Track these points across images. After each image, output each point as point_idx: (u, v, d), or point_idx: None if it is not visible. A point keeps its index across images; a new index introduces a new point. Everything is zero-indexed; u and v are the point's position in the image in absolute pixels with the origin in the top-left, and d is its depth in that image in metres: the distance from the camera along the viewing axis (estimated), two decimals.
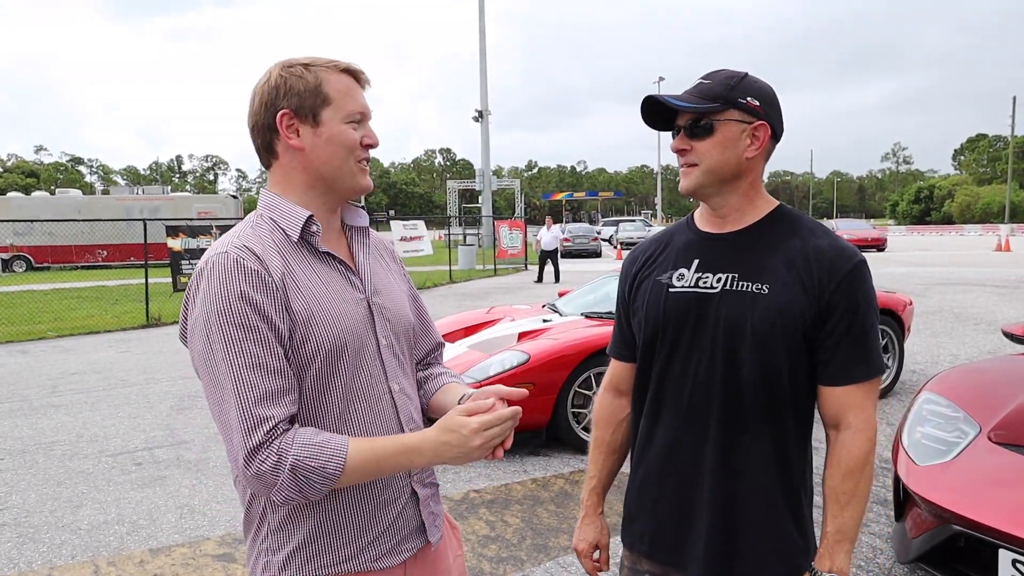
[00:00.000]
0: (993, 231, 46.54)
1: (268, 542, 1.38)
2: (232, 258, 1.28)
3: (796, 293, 1.42)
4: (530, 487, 4.62)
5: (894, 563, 3.47)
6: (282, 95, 1.36)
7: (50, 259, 29.98)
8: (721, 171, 1.48)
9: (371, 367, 1.42)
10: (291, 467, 1.23)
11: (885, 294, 6.97)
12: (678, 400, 1.53)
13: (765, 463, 1.47)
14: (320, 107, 1.37)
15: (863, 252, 8.35)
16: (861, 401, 1.44)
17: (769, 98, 1.50)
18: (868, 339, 1.44)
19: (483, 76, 37.04)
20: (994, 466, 2.90)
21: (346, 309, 1.39)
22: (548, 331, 5.83)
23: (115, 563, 3.72)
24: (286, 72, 1.37)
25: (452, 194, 56.32)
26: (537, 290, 17.41)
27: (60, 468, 5.21)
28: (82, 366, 9.24)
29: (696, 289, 1.51)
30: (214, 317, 1.26)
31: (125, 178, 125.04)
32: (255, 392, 1.24)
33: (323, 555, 1.37)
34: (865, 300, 1.44)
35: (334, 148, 1.38)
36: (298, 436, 1.26)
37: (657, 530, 1.58)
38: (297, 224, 1.38)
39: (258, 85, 1.40)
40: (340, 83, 1.40)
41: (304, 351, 1.32)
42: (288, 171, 1.41)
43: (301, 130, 1.37)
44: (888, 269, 21.56)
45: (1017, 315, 11.18)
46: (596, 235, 34.86)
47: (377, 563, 1.41)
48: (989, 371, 3.67)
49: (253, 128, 1.41)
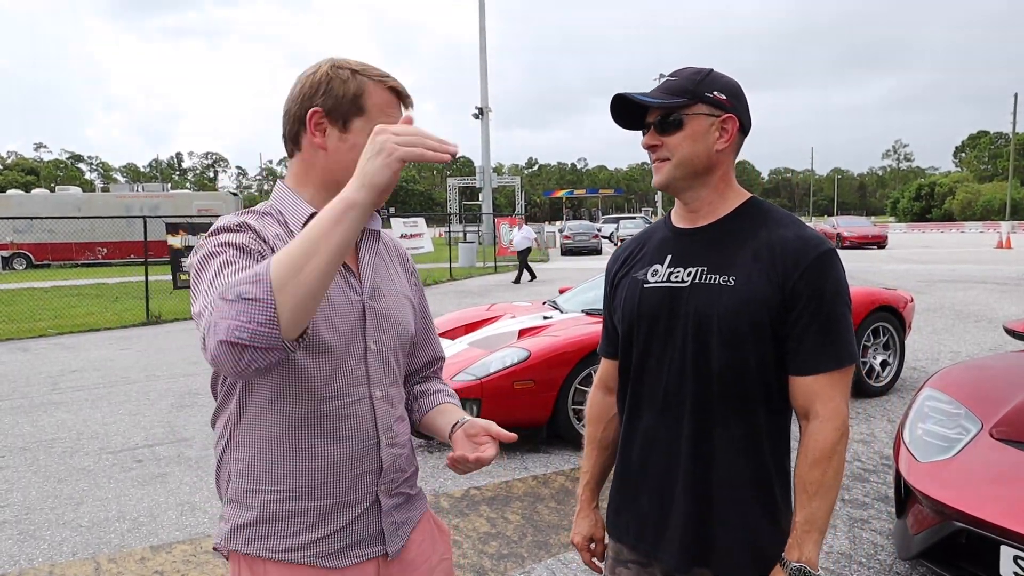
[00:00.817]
0: (994, 228, 46.51)
1: (226, 510, 1.44)
2: (245, 222, 1.32)
3: (761, 284, 1.44)
4: (531, 484, 4.62)
5: (895, 560, 3.46)
6: (320, 92, 1.37)
7: (50, 257, 30.01)
8: (692, 164, 1.51)
9: (354, 369, 1.41)
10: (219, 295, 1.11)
11: (886, 291, 6.98)
12: (654, 393, 1.57)
13: (737, 454, 1.49)
14: (353, 115, 1.38)
15: (864, 249, 8.29)
16: (829, 391, 1.44)
17: (735, 92, 1.53)
18: (836, 328, 1.44)
19: (483, 73, 37.02)
20: (995, 463, 2.90)
21: (338, 311, 1.38)
22: (549, 328, 5.83)
23: (116, 560, 3.72)
24: (333, 72, 1.38)
25: (452, 191, 56.37)
26: (536, 287, 17.40)
27: (61, 465, 5.21)
28: (82, 363, 9.24)
29: (668, 284, 1.55)
30: (217, 244, 1.25)
31: (125, 175, 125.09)
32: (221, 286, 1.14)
33: (269, 539, 1.38)
34: (832, 289, 1.44)
35: (354, 156, 1.32)
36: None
37: (639, 521, 1.61)
38: (300, 220, 1.39)
39: (304, 75, 1.41)
40: (381, 98, 1.40)
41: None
42: (307, 166, 1.42)
43: (328, 131, 1.38)
44: (889, 266, 21.56)
45: (1018, 312, 11.18)
46: (596, 232, 34.87)
47: (323, 561, 1.40)
48: (990, 368, 3.67)
49: (286, 114, 1.42)
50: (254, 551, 1.38)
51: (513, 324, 6.19)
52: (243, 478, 1.39)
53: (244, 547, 1.39)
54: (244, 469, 1.39)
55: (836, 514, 4.01)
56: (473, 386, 5.00)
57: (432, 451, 5.30)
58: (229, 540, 1.40)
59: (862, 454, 5.00)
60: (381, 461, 1.45)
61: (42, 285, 19.72)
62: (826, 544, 3.65)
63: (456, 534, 3.90)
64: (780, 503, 1.51)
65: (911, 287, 14.36)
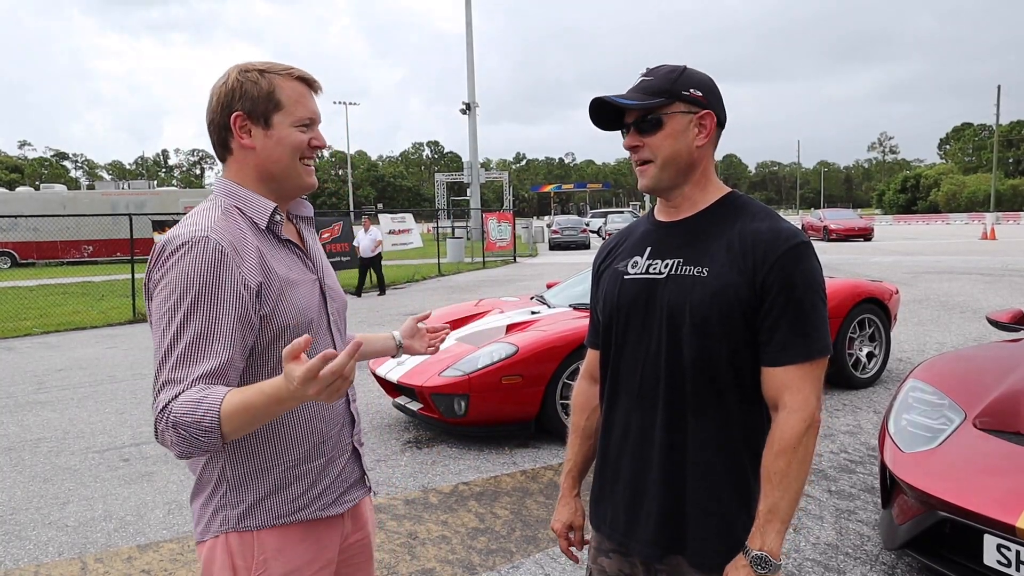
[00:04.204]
0: (979, 220, 46.87)
1: (228, 498, 1.49)
2: (213, 242, 1.38)
3: (732, 275, 1.46)
4: (519, 479, 4.63)
5: (881, 550, 3.49)
6: (237, 98, 1.48)
7: (35, 255, 29.76)
8: (675, 162, 1.53)
9: (323, 341, 1.59)
10: (172, 424, 1.29)
11: (872, 283, 7.02)
12: (631, 384, 1.59)
13: (709, 444, 1.50)
14: (272, 112, 1.49)
15: (851, 242, 8.33)
16: (798, 382, 1.44)
17: (710, 88, 1.56)
18: (808, 321, 1.44)
19: (470, 68, 36.92)
20: (979, 452, 2.93)
21: (306, 289, 1.54)
22: (536, 323, 5.83)
23: (103, 560, 3.70)
24: (242, 76, 1.49)
25: (440, 187, 56.28)
26: (525, 282, 17.39)
27: (46, 465, 5.18)
28: (68, 362, 9.18)
29: (646, 275, 1.58)
30: (188, 284, 1.35)
31: (111, 173, 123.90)
32: (190, 363, 1.34)
33: (280, 506, 1.51)
34: (804, 281, 1.45)
35: (282, 149, 1.51)
36: (183, 394, 1.32)
37: (616, 510, 1.63)
38: (264, 214, 1.51)
39: (216, 86, 1.51)
40: (293, 90, 1.52)
41: (275, 324, 1.45)
42: (241, 166, 1.53)
43: (253, 131, 1.50)
44: (875, 258, 21.69)
45: (1002, 302, 11.27)
46: (585, 227, 34.87)
47: (325, 511, 1.57)
48: (974, 358, 3.70)
49: (210, 125, 1.52)
50: (270, 520, 1.50)
51: (501, 319, 6.19)
52: (247, 461, 1.49)
53: (261, 519, 1.49)
54: (246, 453, 1.49)
55: (823, 505, 4.04)
56: (461, 381, 4.99)
57: (421, 447, 5.30)
58: (240, 520, 1.48)
59: (848, 445, 5.04)
60: (352, 415, 1.68)
61: (27, 284, 19.55)
62: (812, 535, 3.67)
63: (445, 529, 3.91)
64: (755, 493, 1.51)
65: (897, 279, 14.46)
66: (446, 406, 5.11)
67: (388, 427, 5.86)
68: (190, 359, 1.33)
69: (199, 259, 1.36)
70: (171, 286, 1.36)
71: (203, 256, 1.36)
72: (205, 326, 1.34)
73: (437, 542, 3.76)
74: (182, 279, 1.35)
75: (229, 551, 1.48)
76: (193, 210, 1.52)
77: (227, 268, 1.37)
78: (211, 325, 1.35)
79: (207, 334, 1.34)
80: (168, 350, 1.34)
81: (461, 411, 5.06)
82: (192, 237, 1.38)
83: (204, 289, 1.35)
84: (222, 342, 1.36)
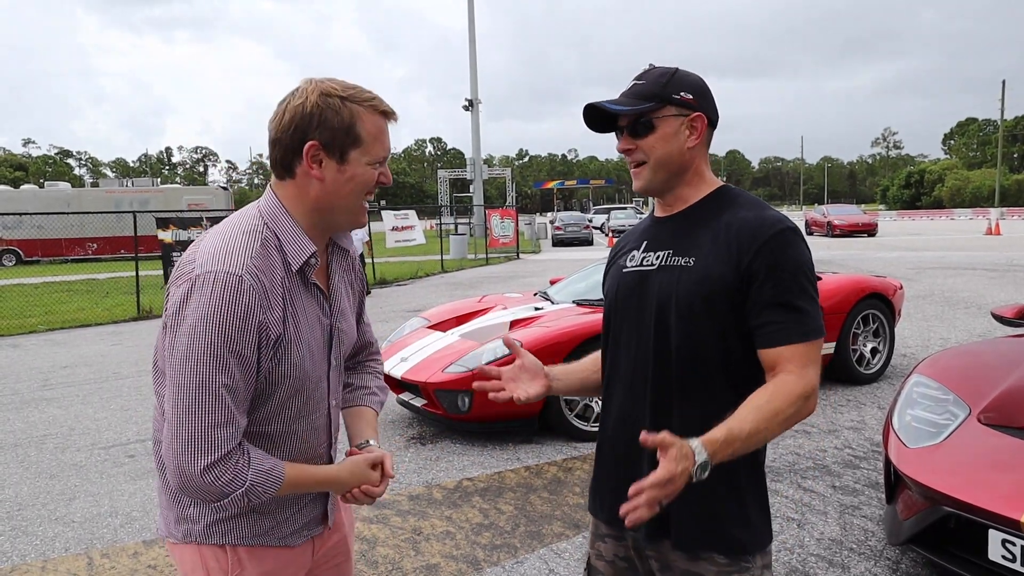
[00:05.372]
0: (983, 215, 46.63)
1: (190, 511, 1.46)
2: (247, 285, 1.31)
3: (716, 263, 1.50)
4: (523, 475, 4.63)
5: (885, 545, 3.49)
6: (315, 125, 1.36)
7: (40, 253, 29.82)
8: (668, 164, 1.58)
9: (320, 386, 1.52)
10: (246, 489, 1.34)
11: (875, 278, 7.01)
12: (624, 372, 1.64)
13: (694, 427, 1.48)
14: (349, 147, 1.39)
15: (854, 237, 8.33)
16: (800, 359, 1.45)
17: (701, 90, 1.59)
18: (799, 302, 1.46)
19: (473, 64, 36.87)
20: (984, 448, 2.93)
21: (316, 338, 1.48)
22: (540, 319, 5.83)
23: (109, 555, 3.71)
24: (323, 101, 1.37)
25: (443, 183, 56.17)
26: (529, 279, 17.39)
27: (52, 461, 5.20)
28: (73, 359, 9.20)
29: (640, 268, 1.64)
30: (211, 332, 1.29)
31: (114, 170, 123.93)
32: (221, 412, 1.31)
33: (240, 528, 1.47)
34: (792, 265, 1.47)
35: (353, 187, 1.42)
36: (252, 461, 1.36)
37: (611, 496, 1.65)
38: (301, 257, 1.42)
39: (291, 104, 1.39)
40: (374, 125, 1.41)
41: (276, 375, 1.40)
42: (301, 192, 1.42)
43: (325, 163, 1.39)
44: (879, 254, 21.64)
45: (1007, 298, 11.25)
46: (588, 223, 34.83)
47: (286, 540, 1.53)
48: (979, 353, 3.69)
49: (276, 143, 1.41)
50: (230, 540, 1.47)
51: (505, 315, 6.20)
52: None
53: (222, 538, 1.46)
54: None
55: (827, 501, 4.04)
56: (465, 377, 5.00)
57: (425, 443, 5.31)
58: (205, 536, 1.46)
59: (852, 441, 5.04)
60: (331, 458, 1.63)
61: (32, 281, 19.59)
62: (817, 531, 3.68)
63: (449, 525, 3.91)
64: (743, 480, 1.53)
65: (901, 274, 14.43)
66: (450, 402, 5.12)
67: (392, 423, 5.87)
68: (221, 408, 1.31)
69: (225, 300, 1.29)
70: (192, 316, 1.30)
71: (231, 297, 1.29)
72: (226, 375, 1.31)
73: (441, 538, 3.77)
74: (205, 317, 1.29)
75: (201, 555, 1.47)
76: (231, 226, 1.40)
77: (251, 316, 1.31)
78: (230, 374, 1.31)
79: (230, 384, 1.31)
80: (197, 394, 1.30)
81: (465, 407, 5.07)
82: (224, 271, 1.30)
83: (226, 333, 1.29)
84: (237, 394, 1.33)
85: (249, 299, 1.30)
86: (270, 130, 1.42)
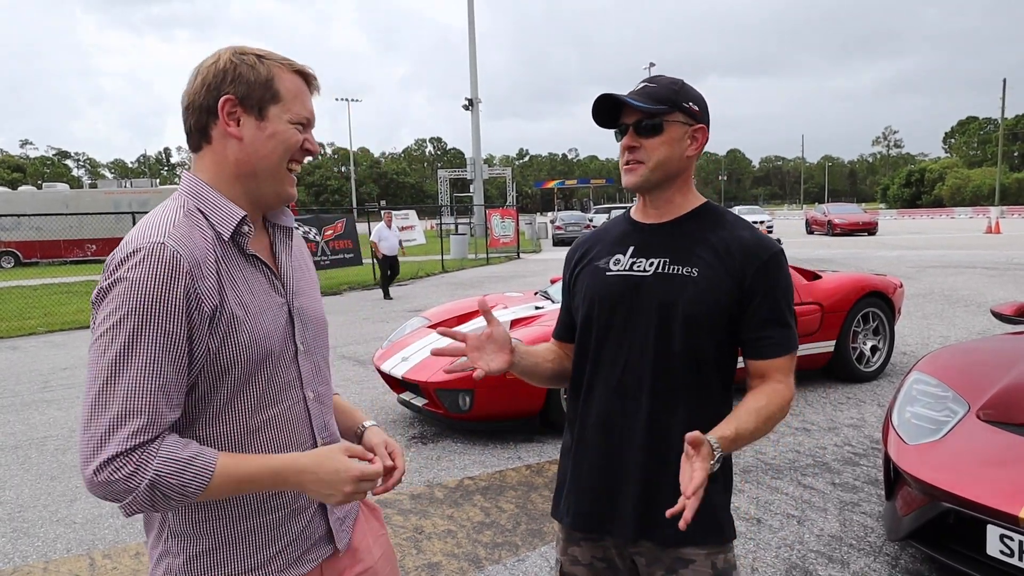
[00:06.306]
0: (983, 214, 46.68)
1: (169, 544, 1.33)
2: (169, 252, 1.20)
3: (722, 277, 1.58)
4: (524, 473, 4.64)
5: (885, 541, 3.50)
6: (229, 80, 1.30)
7: (38, 254, 29.79)
8: (666, 167, 1.62)
9: (287, 373, 1.38)
10: (150, 482, 1.16)
11: (875, 277, 7.01)
12: (610, 376, 1.65)
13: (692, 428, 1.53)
14: (268, 102, 1.32)
15: (854, 236, 8.40)
16: (785, 370, 1.60)
17: (704, 104, 1.66)
18: (787, 320, 1.60)
19: (473, 64, 36.89)
20: (983, 444, 2.93)
21: (269, 316, 1.34)
22: (541, 318, 5.84)
23: (111, 556, 3.72)
24: (237, 58, 1.32)
25: (443, 183, 56.20)
26: (529, 278, 17.39)
27: (53, 463, 5.20)
28: (73, 361, 9.21)
29: (631, 272, 1.65)
30: (132, 307, 1.18)
31: (113, 172, 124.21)
32: (128, 401, 1.17)
33: (226, 564, 1.34)
34: (783, 286, 1.61)
35: (274, 145, 1.33)
36: (163, 448, 1.19)
37: (588, 500, 1.68)
38: (231, 224, 1.31)
39: (203, 65, 1.33)
40: (292, 83, 1.35)
41: (223, 357, 1.26)
42: (219, 158, 1.34)
43: (243, 119, 1.31)
44: (879, 253, 21.65)
45: (1007, 296, 11.25)
46: (588, 223, 34.84)
47: (283, 573, 1.39)
48: (978, 351, 3.70)
49: (188, 107, 1.33)
50: None
51: (505, 314, 6.20)
52: (188, 510, 1.31)
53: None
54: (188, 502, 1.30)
55: (827, 497, 4.05)
56: (466, 377, 5.01)
57: (426, 442, 5.32)
58: (183, 572, 1.32)
59: (852, 438, 5.04)
60: None
61: (31, 283, 19.61)
62: (817, 527, 3.68)
63: (451, 524, 3.92)
64: (729, 471, 1.66)
65: (901, 273, 14.44)
66: (451, 401, 5.12)
67: (393, 423, 5.87)
68: (133, 397, 1.17)
69: (149, 273, 1.18)
70: (114, 303, 1.18)
71: (155, 269, 1.18)
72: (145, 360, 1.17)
73: (443, 536, 3.78)
74: (127, 297, 1.17)
75: None
76: (154, 209, 1.31)
77: (177, 285, 1.19)
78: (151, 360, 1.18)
79: (148, 371, 1.18)
80: (105, 385, 1.17)
81: (466, 406, 5.08)
82: (146, 243, 1.20)
83: (148, 313, 1.17)
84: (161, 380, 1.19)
85: (174, 265, 1.19)
86: (183, 99, 1.34)
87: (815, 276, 6.81)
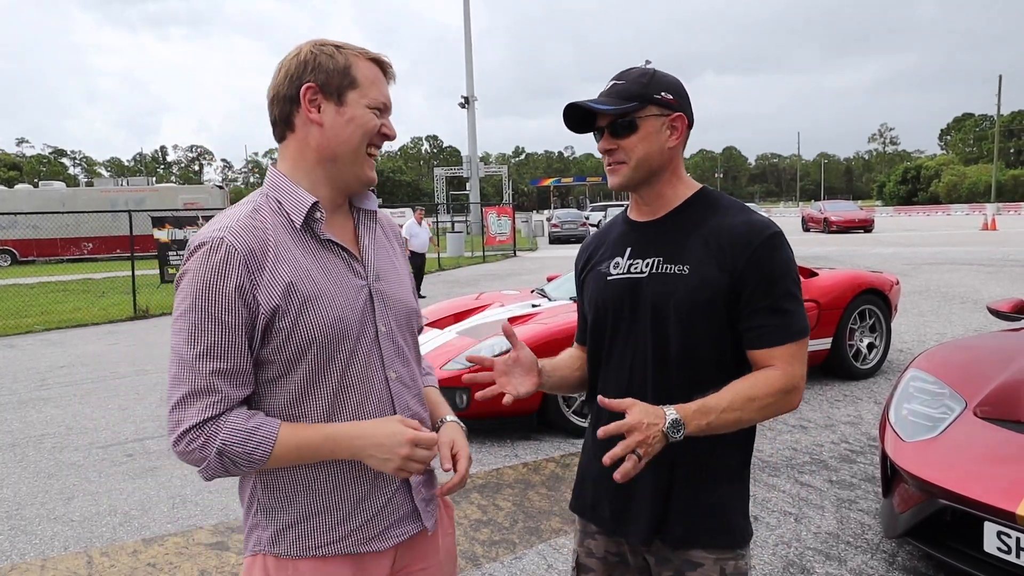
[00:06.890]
0: (979, 210, 46.76)
1: (258, 518, 1.42)
2: (226, 245, 1.30)
3: (712, 270, 1.52)
4: (521, 471, 4.64)
5: (882, 538, 3.51)
6: (310, 70, 1.38)
7: (35, 253, 29.76)
8: (648, 163, 1.58)
9: (368, 355, 1.42)
10: (218, 451, 1.29)
11: (872, 274, 7.03)
12: (620, 378, 1.64)
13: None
14: (346, 88, 1.40)
15: (851, 233, 8.34)
16: (788, 358, 1.51)
17: (679, 90, 1.60)
18: (786, 306, 1.52)
19: (468, 62, 36.86)
20: (979, 441, 2.94)
21: (345, 297, 1.40)
22: (537, 316, 5.84)
23: (108, 553, 3.72)
24: (316, 49, 1.40)
25: (439, 181, 56.18)
26: (526, 276, 17.39)
27: (51, 461, 5.20)
28: (70, 359, 9.19)
29: (628, 275, 1.63)
30: (194, 297, 1.30)
31: (109, 170, 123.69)
32: (200, 376, 1.29)
33: (311, 535, 1.40)
34: (781, 270, 1.52)
35: (353, 129, 1.40)
36: (229, 421, 1.30)
37: (603, 501, 1.68)
38: (301, 211, 1.39)
39: (286, 59, 1.42)
40: (368, 70, 1.43)
41: (297, 337, 1.33)
42: (302, 146, 1.42)
43: (323, 106, 1.39)
44: (876, 250, 21.68)
45: (1003, 292, 11.28)
46: (584, 220, 34.86)
47: (365, 546, 1.43)
48: (974, 348, 3.71)
49: (274, 99, 1.42)
50: (299, 549, 1.40)
51: (502, 312, 6.20)
52: (276, 483, 1.40)
53: (288, 550, 1.40)
54: (276, 475, 1.40)
55: (824, 495, 4.06)
56: (462, 374, 5.01)
57: None
58: (272, 545, 1.40)
59: (849, 436, 5.05)
60: None
61: (28, 281, 19.57)
62: (814, 524, 3.69)
63: None
64: (742, 472, 1.63)
65: (897, 270, 14.46)
66: (448, 399, 5.09)
67: None
68: (199, 377, 1.29)
69: (207, 265, 1.30)
70: (182, 292, 1.32)
71: (212, 261, 1.30)
72: (206, 344, 1.30)
73: None
74: (191, 288, 1.30)
75: (266, 572, 1.41)
76: (238, 202, 1.45)
77: (230, 277, 1.29)
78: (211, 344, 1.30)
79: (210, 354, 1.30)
80: (178, 366, 1.31)
81: (463, 404, 5.07)
82: (209, 237, 1.32)
83: (206, 302, 1.29)
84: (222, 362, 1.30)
85: (229, 258, 1.30)
86: (268, 92, 1.43)
87: (812, 274, 6.82)
